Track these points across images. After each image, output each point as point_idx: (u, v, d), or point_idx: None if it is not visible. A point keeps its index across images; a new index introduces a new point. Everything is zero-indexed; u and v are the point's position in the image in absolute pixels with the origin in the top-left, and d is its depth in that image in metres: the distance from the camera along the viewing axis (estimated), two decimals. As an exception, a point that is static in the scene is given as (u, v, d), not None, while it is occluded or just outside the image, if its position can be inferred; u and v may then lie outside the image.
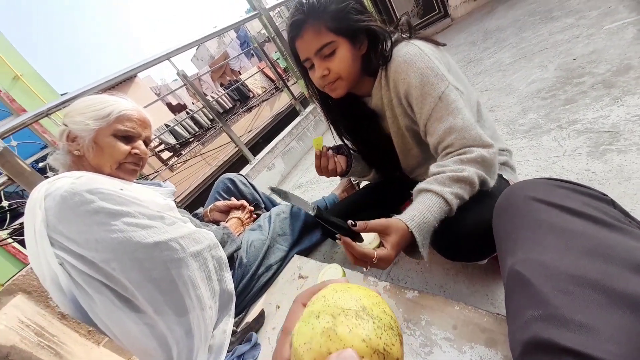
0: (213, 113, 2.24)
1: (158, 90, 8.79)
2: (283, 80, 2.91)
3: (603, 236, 0.30)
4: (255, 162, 2.20)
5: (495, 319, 0.46)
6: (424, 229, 0.52)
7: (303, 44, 0.65)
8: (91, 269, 0.59)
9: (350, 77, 0.67)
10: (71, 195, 0.58)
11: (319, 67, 0.66)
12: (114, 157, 0.75)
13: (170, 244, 0.64)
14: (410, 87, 0.62)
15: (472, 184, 0.56)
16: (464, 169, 0.56)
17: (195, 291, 0.66)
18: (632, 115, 0.86)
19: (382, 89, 0.69)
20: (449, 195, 0.54)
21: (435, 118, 0.61)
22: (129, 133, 0.78)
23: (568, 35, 1.53)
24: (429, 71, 0.60)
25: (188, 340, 0.65)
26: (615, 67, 1.08)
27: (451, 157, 0.60)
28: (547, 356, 0.27)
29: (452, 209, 0.55)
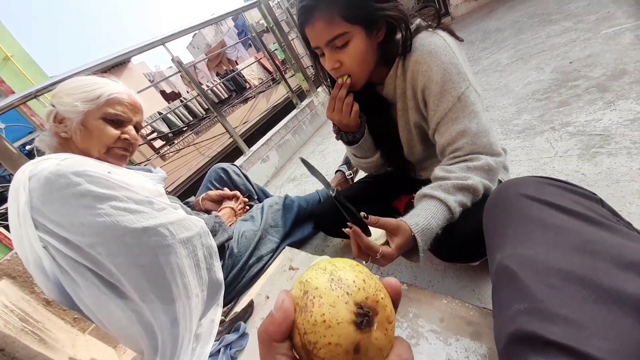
0: (208, 102, 2.20)
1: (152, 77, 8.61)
2: (281, 73, 2.87)
3: (591, 233, 0.31)
4: (249, 154, 2.18)
5: (481, 313, 0.47)
6: (426, 234, 0.52)
7: (313, 32, 0.59)
8: (76, 253, 0.58)
9: (365, 72, 0.63)
10: (56, 177, 0.57)
11: (330, 59, 0.60)
12: (102, 141, 0.73)
13: (159, 229, 0.63)
14: (430, 82, 0.58)
15: (476, 192, 0.56)
16: (469, 177, 0.56)
17: (182, 279, 0.65)
18: (624, 119, 0.88)
19: (398, 78, 0.64)
20: (453, 203, 0.54)
21: (450, 118, 0.59)
22: (119, 117, 0.75)
23: (566, 38, 1.54)
24: (452, 68, 0.56)
25: (173, 329, 0.64)
26: (611, 71, 1.10)
27: (458, 163, 0.59)
28: (531, 349, 0.27)
29: (455, 216, 0.55)
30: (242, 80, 7.02)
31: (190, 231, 0.70)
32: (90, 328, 1.26)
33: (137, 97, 0.81)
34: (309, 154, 2.22)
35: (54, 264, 0.59)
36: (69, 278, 0.59)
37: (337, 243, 1.11)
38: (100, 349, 1.22)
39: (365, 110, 0.77)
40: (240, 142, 2.23)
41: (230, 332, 0.73)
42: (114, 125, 0.75)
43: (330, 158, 1.92)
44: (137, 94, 0.82)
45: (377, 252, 0.50)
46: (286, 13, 2.82)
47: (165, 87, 8.41)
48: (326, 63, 0.62)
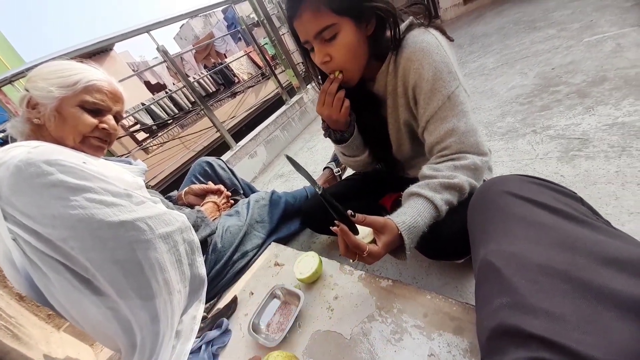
0: (195, 95, 2.14)
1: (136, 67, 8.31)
2: (270, 68, 2.83)
3: (572, 230, 0.32)
4: (236, 149, 2.14)
5: (464, 308, 0.48)
6: (413, 232, 0.53)
7: (301, 25, 0.58)
8: (47, 247, 0.55)
9: (356, 66, 0.61)
10: (26, 166, 0.53)
11: (319, 52, 0.59)
12: (77, 129, 0.69)
13: (137, 223, 0.61)
14: (421, 79, 0.58)
15: (462, 190, 0.57)
16: (456, 176, 0.56)
17: (162, 275, 0.63)
18: (602, 124, 0.91)
19: (389, 75, 0.64)
20: (440, 201, 0.55)
21: (439, 117, 0.59)
22: (98, 106, 0.71)
23: (549, 45, 1.59)
24: (443, 67, 0.56)
25: (154, 326, 0.62)
26: (591, 78, 1.14)
27: (445, 161, 0.60)
28: (513, 342, 0.28)
29: (441, 215, 0.56)
30: (230, 74, 6.88)
31: (170, 226, 0.68)
32: (65, 325, 1.21)
33: (119, 85, 0.77)
34: (298, 151, 2.21)
35: (24, 257, 0.56)
36: (40, 272, 0.56)
37: (324, 240, 1.11)
38: (76, 346, 1.18)
39: (356, 107, 0.76)
40: (228, 136, 2.19)
41: (212, 328, 0.71)
42: (91, 113, 0.71)
43: (318, 155, 1.91)
44: (119, 83, 0.78)
45: (364, 250, 0.50)
46: (277, 7, 2.78)
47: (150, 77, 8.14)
48: (316, 57, 0.61)
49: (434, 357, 0.44)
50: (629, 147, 0.80)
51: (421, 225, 0.53)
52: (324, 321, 0.59)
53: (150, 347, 0.62)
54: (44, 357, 0.92)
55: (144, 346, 0.62)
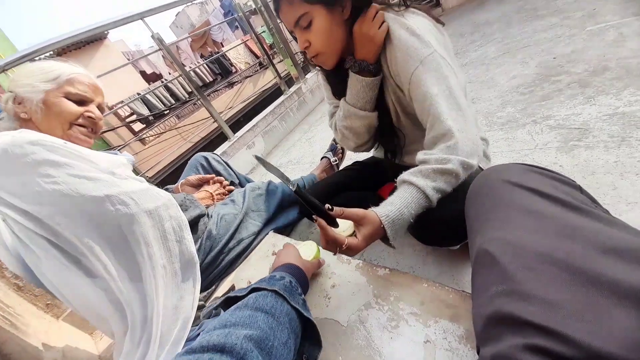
0: (192, 85, 2.10)
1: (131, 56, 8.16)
2: (268, 57, 2.78)
3: (571, 219, 0.31)
4: (234, 140, 2.13)
5: (460, 296, 0.48)
6: (397, 224, 0.52)
7: (283, 16, 0.63)
8: (36, 225, 0.55)
9: (333, 48, 0.65)
10: (12, 148, 0.54)
11: (300, 39, 0.64)
12: (64, 117, 0.71)
13: (122, 197, 0.60)
14: (396, 51, 0.60)
15: (457, 176, 0.55)
16: (449, 160, 0.55)
17: (147, 249, 0.62)
18: (602, 114, 0.90)
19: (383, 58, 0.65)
20: (431, 191, 0.54)
21: (413, 82, 0.59)
22: (81, 96, 0.74)
23: (551, 34, 1.56)
24: (415, 38, 0.58)
25: (142, 309, 0.61)
26: (593, 67, 1.13)
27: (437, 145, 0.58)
28: (509, 329, 0.27)
29: (432, 204, 0.55)
30: (227, 64, 6.76)
31: (156, 202, 0.67)
32: (64, 314, 1.22)
33: (97, 80, 0.80)
34: (296, 142, 2.19)
35: (14, 237, 0.57)
36: (30, 252, 0.56)
37: (321, 230, 1.11)
38: (75, 335, 1.19)
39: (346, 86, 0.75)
40: (225, 127, 2.17)
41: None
42: (76, 104, 0.73)
43: (317, 146, 1.90)
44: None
45: (342, 244, 0.50)
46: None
47: (146, 67, 7.99)
48: (298, 44, 0.65)
49: (430, 344, 0.44)
50: (629, 137, 0.79)
51: (407, 217, 0.53)
52: (321, 309, 0.59)
53: (140, 328, 0.61)
54: (42, 345, 0.93)
55: (134, 331, 0.61)
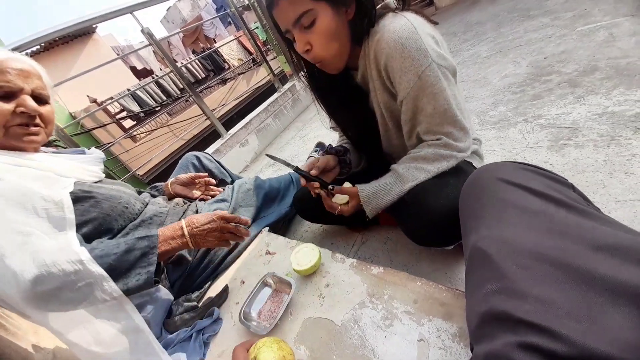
0: (183, 82, 2.07)
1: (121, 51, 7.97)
2: (262, 54, 2.75)
3: (564, 216, 0.31)
4: (227, 137, 2.10)
5: (453, 294, 0.48)
6: (371, 198, 0.65)
7: (279, 13, 0.57)
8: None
9: (338, 52, 0.60)
10: None
11: (300, 41, 0.58)
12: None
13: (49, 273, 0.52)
14: (389, 59, 0.57)
15: (427, 158, 0.62)
16: (422, 150, 0.63)
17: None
18: (592, 113, 0.92)
19: (366, 58, 0.63)
20: (402, 170, 0.63)
21: (410, 97, 0.59)
22: (5, 89, 0.62)
23: (542, 34, 1.58)
24: (411, 43, 0.55)
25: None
26: (583, 67, 1.15)
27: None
28: (503, 327, 0.27)
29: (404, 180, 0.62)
30: (220, 60, 6.67)
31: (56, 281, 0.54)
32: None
33: (25, 58, 0.67)
34: (290, 139, 2.18)
35: None
36: None
37: (315, 229, 1.11)
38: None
39: (344, 99, 0.76)
40: (218, 124, 2.14)
41: (203, 317, 0.70)
42: (2, 100, 0.62)
43: (311, 144, 1.89)
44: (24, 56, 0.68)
45: (335, 210, 0.70)
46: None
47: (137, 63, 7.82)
48: (297, 46, 0.60)
49: (424, 342, 0.44)
50: (618, 137, 0.81)
51: (381, 191, 0.64)
52: (315, 308, 0.59)
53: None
54: (32, 347, 0.90)
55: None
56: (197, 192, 1.02)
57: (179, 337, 0.67)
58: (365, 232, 0.96)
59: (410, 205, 0.62)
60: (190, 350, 0.64)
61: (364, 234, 0.96)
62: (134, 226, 0.76)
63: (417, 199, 0.61)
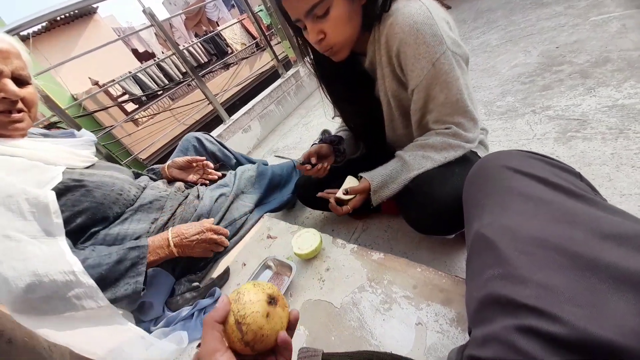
0: (186, 65, 2.03)
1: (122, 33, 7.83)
2: (266, 38, 2.68)
3: (570, 205, 0.31)
4: (229, 123, 2.09)
5: (453, 281, 0.48)
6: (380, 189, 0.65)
7: (290, 3, 0.55)
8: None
9: (350, 38, 0.59)
10: None
11: (312, 31, 0.56)
12: None
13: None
14: (403, 44, 0.55)
15: (434, 146, 0.62)
16: (430, 137, 0.63)
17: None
18: (602, 105, 0.90)
19: (376, 43, 0.61)
20: (406, 156, 0.63)
21: (423, 86, 0.57)
22: None
23: (555, 22, 1.54)
24: (426, 29, 0.53)
25: None
26: (595, 58, 1.11)
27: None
28: (502, 311, 0.28)
29: (409, 165, 0.62)
30: (223, 44, 6.55)
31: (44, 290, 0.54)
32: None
33: (2, 36, 0.63)
34: (293, 127, 2.16)
35: None
36: None
37: (317, 215, 1.11)
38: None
39: (350, 87, 0.74)
40: (221, 109, 2.12)
41: (205, 297, 0.72)
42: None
43: (314, 131, 1.88)
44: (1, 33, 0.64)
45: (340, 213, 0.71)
46: (274, -30, 2.59)
47: (138, 45, 7.70)
48: (309, 36, 0.58)
49: (422, 326, 0.45)
50: (627, 130, 0.79)
51: (387, 180, 0.64)
52: (315, 291, 0.60)
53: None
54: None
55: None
56: (194, 176, 1.01)
57: (181, 315, 0.68)
58: (366, 220, 0.97)
59: (414, 193, 0.62)
60: (192, 328, 0.65)
61: (365, 221, 0.96)
62: (132, 211, 0.75)
63: (421, 187, 0.61)
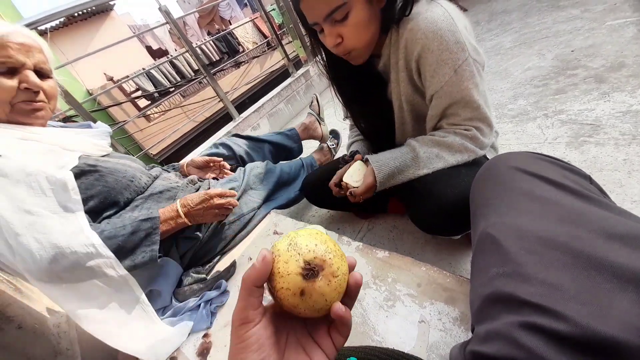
0: (199, 63, 2.07)
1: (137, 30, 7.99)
2: (277, 37, 2.71)
3: (578, 206, 0.31)
4: (239, 120, 2.11)
5: (457, 280, 0.49)
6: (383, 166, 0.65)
7: (309, 7, 0.54)
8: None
9: (369, 43, 0.59)
10: None
11: (330, 35, 0.56)
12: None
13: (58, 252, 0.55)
14: (425, 50, 0.55)
15: (452, 147, 0.61)
16: (448, 136, 0.61)
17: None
18: (616, 111, 0.88)
19: (392, 47, 0.61)
20: (420, 150, 0.62)
21: (444, 92, 0.57)
22: (7, 65, 0.61)
23: (571, 26, 1.51)
24: (449, 35, 0.52)
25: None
26: (610, 63, 1.09)
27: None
28: (506, 308, 0.28)
29: (421, 163, 0.62)
30: (235, 42, 6.61)
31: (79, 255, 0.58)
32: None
33: (27, 32, 0.66)
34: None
35: None
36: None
37: (323, 214, 1.12)
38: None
39: (361, 88, 0.74)
40: (231, 107, 2.15)
41: (211, 289, 0.73)
42: (6, 76, 0.62)
43: (322, 130, 1.88)
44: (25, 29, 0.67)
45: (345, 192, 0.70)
46: (287, -30, 2.61)
47: (152, 42, 7.84)
48: (326, 40, 0.58)
49: (424, 324, 0.46)
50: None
51: (391, 164, 0.64)
52: (320, 287, 0.60)
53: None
54: (46, 310, 0.96)
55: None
56: (211, 175, 1.04)
57: (188, 305, 0.70)
58: (371, 220, 0.97)
59: (420, 192, 0.62)
60: (198, 319, 0.67)
61: (371, 221, 0.97)
62: (142, 199, 0.78)
63: (428, 187, 0.61)
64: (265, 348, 0.25)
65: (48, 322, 0.91)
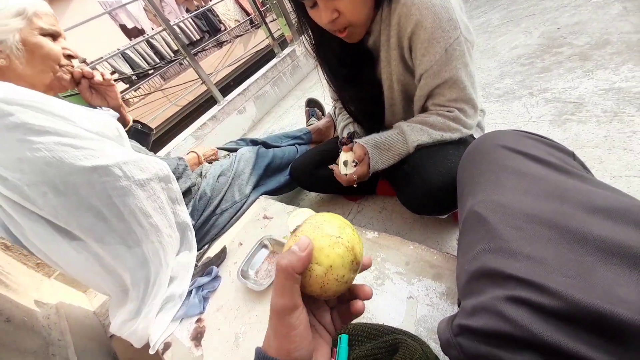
0: (178, 43, 1.96)
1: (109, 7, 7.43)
2: (261, 15, 2.58)
3: (562, 181, 0.32)
4: (224, 104, 2.04)
5: (444, 257, 0.50)
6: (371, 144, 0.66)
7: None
8: (15, 193, 0.51)
9: (366, 18, 0.57)
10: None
11: (326, 9, 0.53)
12: (50, 59, 0.65)
13: (112, 169, 0.57)
14: (418, 27, 0.53)
15: (434, 125, 0.62)
16: (431, 115, 0.62)
17: (147, 219, 0.62)
18: (599, 88, 0.90)
19: (383, 23, 0.59)
20: (405, 127, 0.63)
21: (433, 72, 0.57)
22: (53, 31, 0.66)
23: (558, 3, 1.50)
24: (443, 12, 0.51)
25: (143, 270, 0.63)
26: (595, 40, 1.10)
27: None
28: (491, 282, 0.29)
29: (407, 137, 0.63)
30: (216, 20, 6.28)
31: (146, 173, 0.65)
32: (56, 273, 1.23)
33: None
34: (289, 108, 2.13)
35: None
36: (11, 220, 0.54)
37: (312, 197, 1.12)
38: (69, 293, 1.21)
39: (350, 68, 0.72)
40: (215, 90, 2.07)
41: (202, 275, 0.73)
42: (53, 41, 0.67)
43: (310, 113, 1.85)
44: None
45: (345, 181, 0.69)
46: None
47: (127, 21, 7.33)
48: (321, 15, 0.55)
49: (413, 299, 0.47)
50: (621, 113, 0.80)
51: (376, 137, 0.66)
52: (311, 269, 0.61)
53: (143, 289, 0.63)
54: (35, 302, 0.94)
55: (137, 289, 0.63)
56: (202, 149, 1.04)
57: (180, 292, 0.70)
58: (361, 201, 0.98)
59: (408, 173, 0.62)
60: (191, 305, 0.67)
61: (360, 203, 0.98)
62: None
63: (416, 168, 0.61)
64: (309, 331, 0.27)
65: (37, 314, 0.89)
